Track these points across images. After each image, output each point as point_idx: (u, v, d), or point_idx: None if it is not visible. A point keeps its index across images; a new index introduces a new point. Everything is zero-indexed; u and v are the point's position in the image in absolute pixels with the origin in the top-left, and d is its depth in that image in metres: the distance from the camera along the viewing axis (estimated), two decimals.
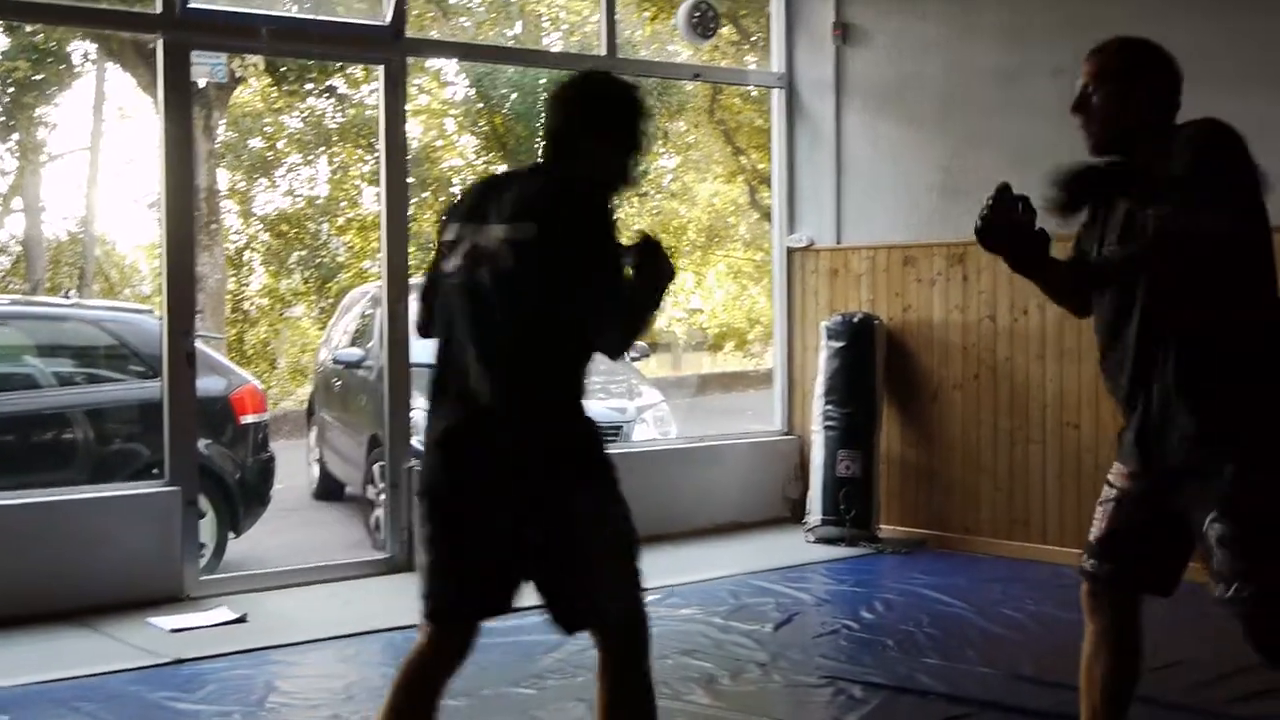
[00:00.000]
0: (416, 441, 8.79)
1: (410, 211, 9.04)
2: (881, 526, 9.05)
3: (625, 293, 3.81)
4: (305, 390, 20.62)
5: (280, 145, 21.85)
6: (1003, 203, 3.86)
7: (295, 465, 12.20)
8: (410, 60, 9.02)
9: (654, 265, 3.87)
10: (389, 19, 8.22)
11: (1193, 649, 6.17)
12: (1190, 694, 5.53)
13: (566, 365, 3.88)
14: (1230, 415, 3.81)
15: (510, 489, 3.82)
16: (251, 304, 22.10)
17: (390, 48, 8.25)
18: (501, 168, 22.89)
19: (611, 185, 4.05)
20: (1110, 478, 4.14)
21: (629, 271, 3.83)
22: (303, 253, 21.79)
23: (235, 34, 8.05)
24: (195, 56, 8.09)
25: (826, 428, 9.02)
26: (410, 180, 9.15)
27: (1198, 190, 3.70)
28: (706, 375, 24.71)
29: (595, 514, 3.88)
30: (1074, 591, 7.48)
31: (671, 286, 3.95)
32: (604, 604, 3.93)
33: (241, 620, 7.09)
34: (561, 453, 3.85)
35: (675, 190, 24.49)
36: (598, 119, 4.00)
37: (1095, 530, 4.18)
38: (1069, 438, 8.27)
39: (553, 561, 3.88)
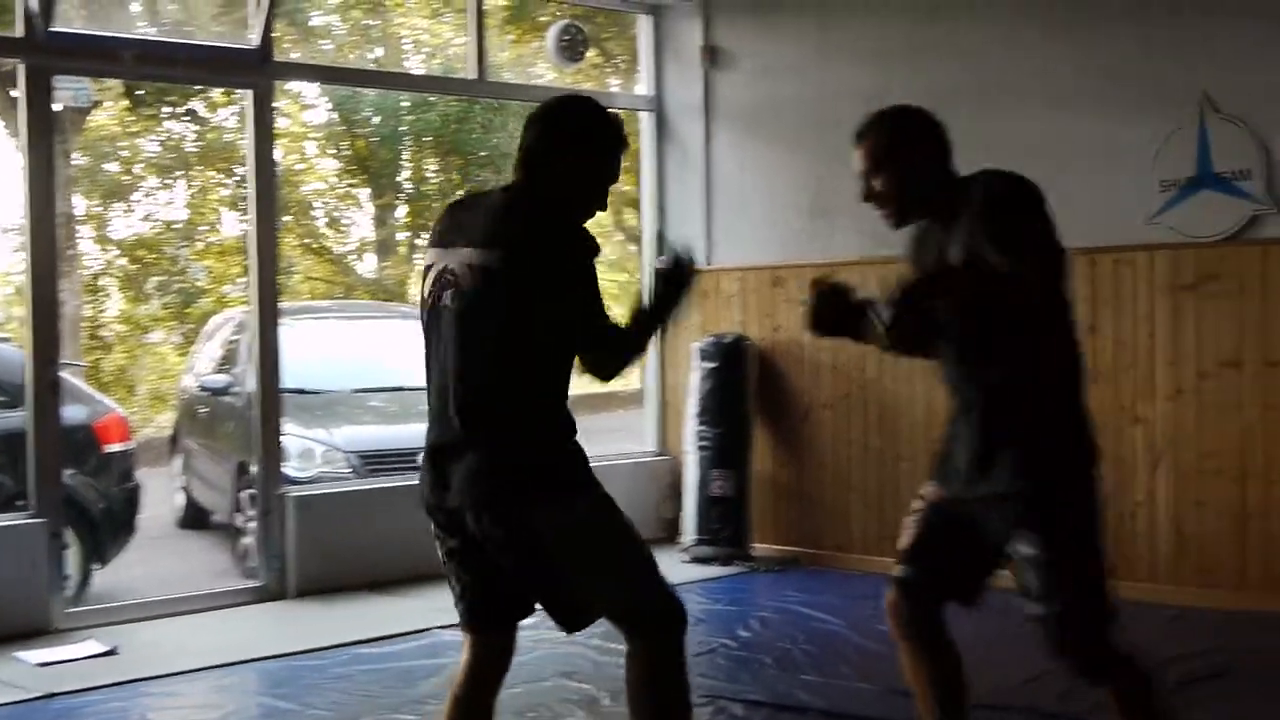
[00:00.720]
0: (289, 468, 8.72)
1: None
2: (755, 545, 9.12)
3: (606, 316, 3.89)
4: (166, 417, 20.30)
5: (137, 169, 21.51)
6: (824, 298, 4.15)
7: (159, 493, 11.98)
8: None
9: (676, 290, 3.99)
10: (257, 42, 8.15)
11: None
12: (1061, 702, 5.64)
13: (537, 386, 3.91)
14: (1037, 446, 4.02)
15: (479, 508, 3.89)
16: (109, 330, 21.70)
17: (258, 72, 8.17)
18: (365, 192, 22.76)
19: (584, 208, 4.05)
20: (922, 492, 4.35)
21: (640, 292, 3.91)
22: (161, 278, 21.44)
23: (99, 58, 7.91)
24: (58, 81, 7.96)
25: (700, 448, 9.07)
26: None
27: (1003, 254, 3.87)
28: (576, 396, 24.71)
29: (564, 528, 3.89)
30: (948, 609, 7.60)
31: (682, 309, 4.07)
32: (597, 604, 3.99)
33: (112, 653, 6.96)
34: (526, 473, 3.88)
35: None
36: (575, 141, 4.01)
37: (904, 540, 4.37)
38: None
39: (530, 575, 3.96)
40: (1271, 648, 6.57)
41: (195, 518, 12.00)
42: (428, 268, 4.02)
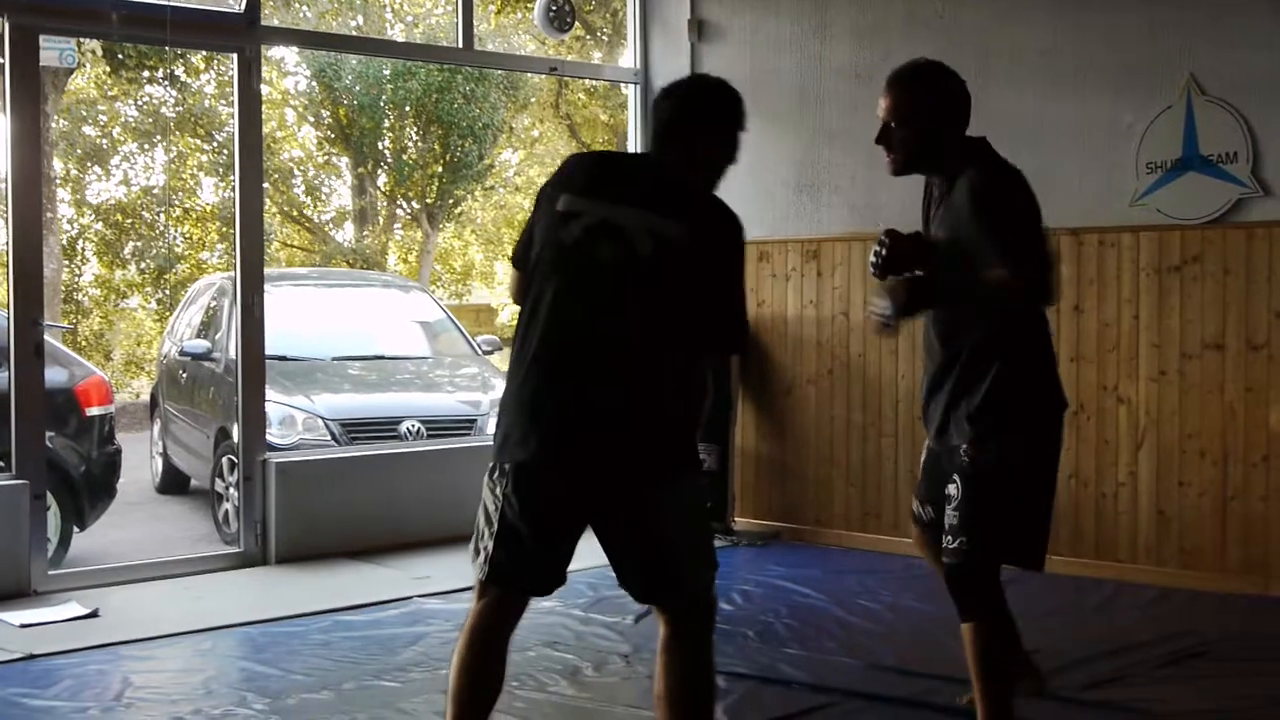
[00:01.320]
0: (270, 435, 8.70)
1: None
2: (737, 519, 9.14)
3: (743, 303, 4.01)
4: (142, 383, 20.26)
5: (115, 133, 21.42)
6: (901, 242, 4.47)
7: (137, 458, 11.98)
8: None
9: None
10: (244, 6, 8.11)
11: (1045, 638, 6.32)
12: (1046, 680, 5.65)
13: (684, 359, 3.94)
14: (990, 403, 4.39)
15: (609, 477, 3.89)
16: (85, 295, 21.63)
17: (245, 36, 8.12)
18: (344, 160, 22.70)
19: (711, 187, 4.14)
20: (928, 440, 4.79)
21: None
22: (138, 243, 21.38)
23: (86, 18, 7.83)
24: (44, 41, 7.90)
25: None
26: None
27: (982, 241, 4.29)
28: None
29: (687, 507, 4.00)
30: (926, 582, 7.65)
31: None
32: (681, 582, 4.01)
33: (93, 615, 6.94)
34: (674, 448, 3.93)
35: (520, 184, 24.45)
36: (713, 120, 4.11)
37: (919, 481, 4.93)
38: (920, 432, 8.33)
39: (644, 549, 3.97)
40: (1250, 630, 6.61)
41: (174, 483, 11.99)
42: (566, 213, 3.95)
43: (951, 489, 4.44)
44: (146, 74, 20.22)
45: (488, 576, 4.09)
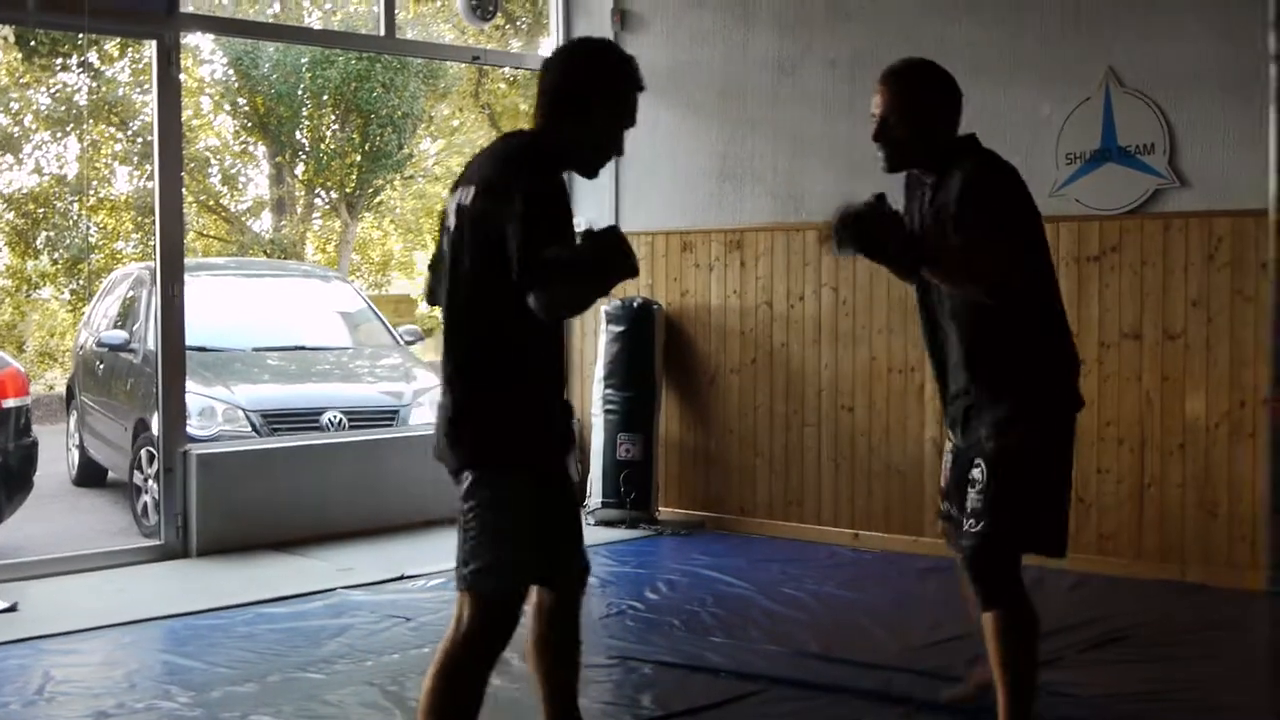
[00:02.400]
0: (189, 426, 8.62)
1: None
2: (661, 509, 9.15)
3: (548, 248, 3.71)
4: (55, 375, 20.00)
5: (27, 121, 21.11)
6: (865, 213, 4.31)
7: (53, 451, 11.80)
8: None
9: (602, 251, 3.84)
10: None
11: (972, 623, 6.35)
12: (971, 666, 5.69)
13: (505, 336, 3.87)
14: (996, 387, 4.47)
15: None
16: None
17: (164, 22, 8.03)
18: (261, 149, 22.52)
19: (600, 149, 4.08)
20: (950, 440, 4.80)
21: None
22: (51, 233, 21.07)
23: (1, 4, 7.72)
24: None
25: (606, 411, 9.09)
26: None
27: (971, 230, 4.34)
28: None
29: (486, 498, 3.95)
30: (851, 570, 7.75)
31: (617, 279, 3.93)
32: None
33: (12, 609, 6.85)
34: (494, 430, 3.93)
35: (439, 174, 24.31)
36: (592, 84, 3.99)
37: (941, 480, 4.92)
38: (843, 421, 8.47)
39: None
40: (1167, 614, 6.70)
41: (91, 475, 11.85)
42: (441, 215, 4.06)
43: (976, 473, 4.45)
44: (60, 61, 19.93)
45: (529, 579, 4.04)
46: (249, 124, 21.92)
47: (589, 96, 3.98)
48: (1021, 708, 4.44)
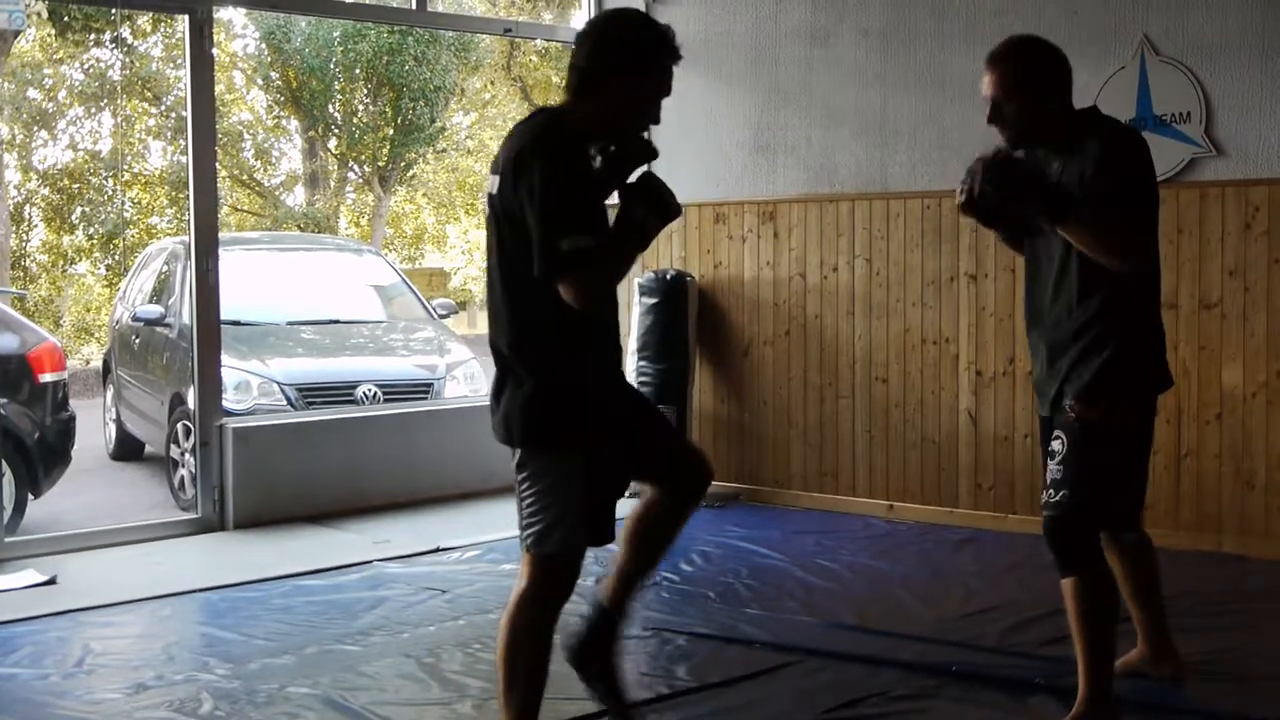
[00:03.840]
0: (225, 400, 8.66)
1: None
2: None
3: (566, 239, 3.77)
4: (92, 349, 20.10)
5: (61, 97, 21.20)
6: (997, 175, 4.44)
7: (90, 425, 11.88)
8: None
9: (638, 202, 3.93)
10: None
11: (1006, 594, 6.41)
12: (1005, 637, 5.72)
13: (543, 316, 3.94)
14: (1090, 364, 4.49)
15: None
16: (33, 261, 21.44)
17: None
18: (294, 123, 22.56)
19: (635, 122, 4.09)
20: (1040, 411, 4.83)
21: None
22: (86, 209, 21.18)
23: None
24: None
25: (640, 383, 9.07)
26: None
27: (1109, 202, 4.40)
28: None
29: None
30: (885, 541, 7.73)
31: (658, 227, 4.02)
32: None
33: (51, 582, 6.91)
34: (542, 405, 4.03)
35: (472, 147, 24.34)
36: (623, 56, 3.99)
37: None
38: (877, 392, 8.45)
39: None
40: (1204, 585, 6.67)
41: (128, 449, 11.93)
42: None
43: (1056, 444, 4.51)
44: (93, 37, 20.00)
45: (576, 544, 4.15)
46: (281, 98, 21.98)
47: (616, 70, 3.98)
48: (1101, 670, 4.53)
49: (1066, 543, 4.51)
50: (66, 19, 18.63)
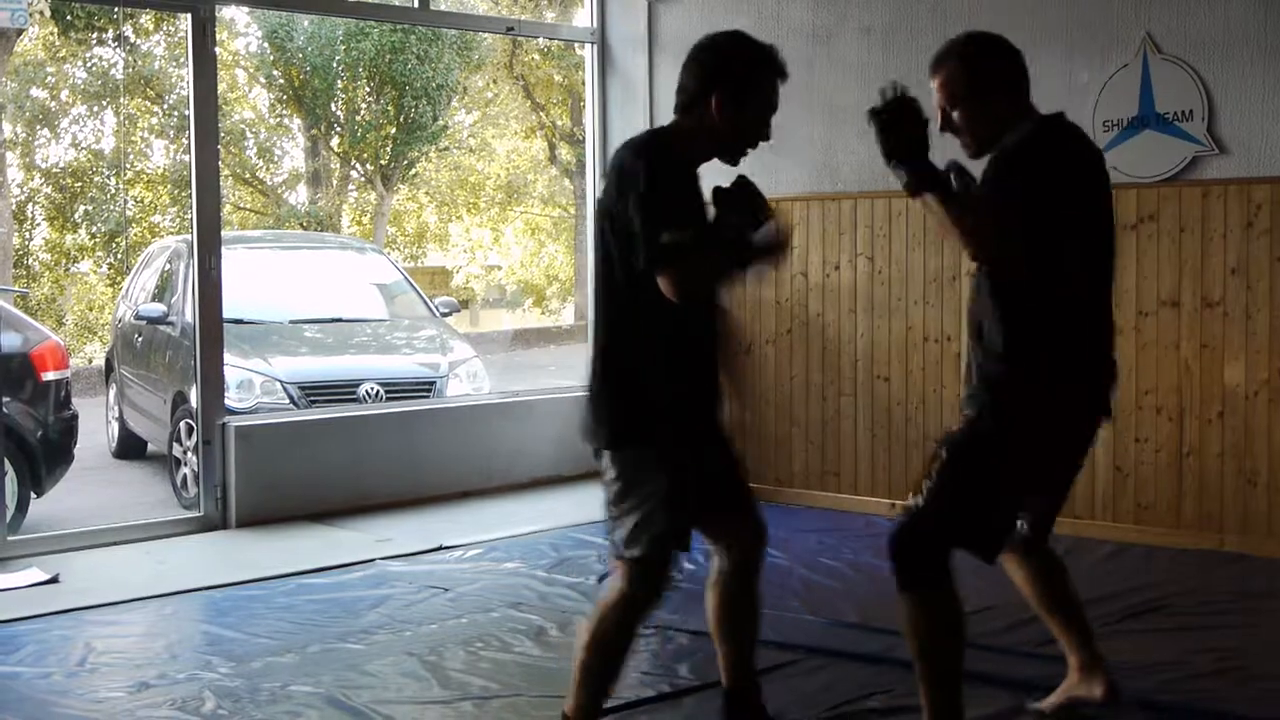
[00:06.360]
0: (228, 398, 8.66)
1: None
2: None
3: (666, 233, 3.88)
4: (95, 348, 20.11)
5: (64, 96, 21.20)
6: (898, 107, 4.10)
7: (93, 423, 11.90)
8: None
9: (733, 208, 4.06)
10: None
11: (1006, 593, 6.36)
12: (1006, 635, 5.71)
13: (635, 322, 4.07)
14: (986, 371, 4.26)
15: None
16: (35, 259, 21.44)
17: None
18: (296, 122, 22.56)
19: (732, 139, 4.18)
20: None
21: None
22: (89, 207, 21.18)
23: None
24: None
25: None
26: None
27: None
28: (505, 332, 24.66)
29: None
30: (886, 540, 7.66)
31: (757, 234, 4.13)
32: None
33: (54, 581, 6.92)
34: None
35: (474, 146, 24.35)
36: (721, 77, 4.09)
37: None
38: (879, 391, 8.46)
39: None
40: (1205, 584, 6.68)
41: (130, 448, 11.93)
42: None
43: (942, 453, 4.25)
44: (96, 36, 20.01)
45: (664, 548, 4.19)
46: (284, 97, 21.98)
47: (713, 88, 4.10)
48: (940, 699, 4.19)
49: (906, 554, 4.19)
50: (69, 17, 18.64)
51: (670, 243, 3.88)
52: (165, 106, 21.10)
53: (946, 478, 4.20)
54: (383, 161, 21.77)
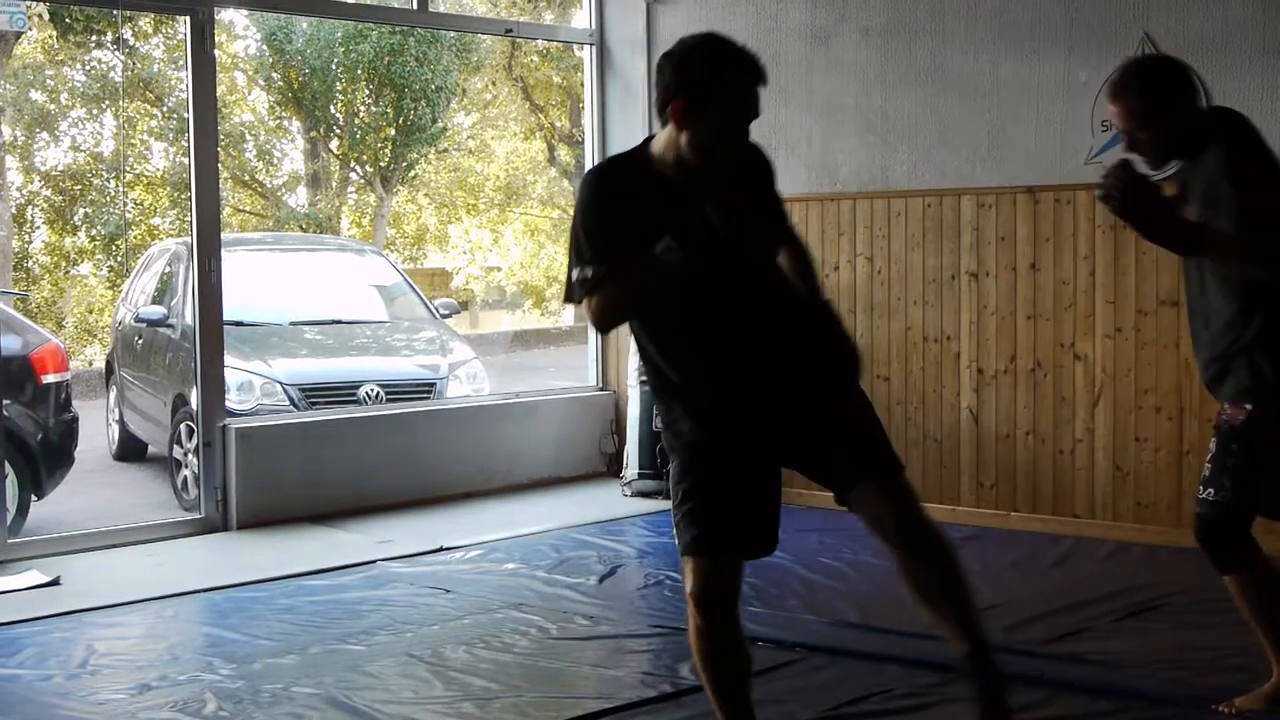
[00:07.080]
0: (228, 400, 8.66)
1: None
2: None
3: (576, 269, 3.91)
4: (94, 350, 20.11)
5: (63, 99, 21.20)
6: (1129, 180, 4.27)
7: (93, 426, 11.89)
8: None
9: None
10: None
11: (1008, 592, 6.41)
12: (1009, 634, 5.71)
13: (643, 337, 4.09)
14: (1244, 357, 4.46)
15: None
16: (35, 262, 21.44)
17: None
18: (296, 124, 22.56)
19: (708, 143, 3.89)
20: None
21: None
22: (89, 210, 21.18)
23: None
24: None
25: (642, 382, 9.08)
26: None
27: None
28: (505, 333, 24.67)
29: None
30: None
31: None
32: None
33: (55, 583, 6.92)
34: None
35: (473, 148, 24.34)
36: (691, 83, 3.87)
37: None
38: (879, 390, 8.45)
39: None
40: (1205, 583, 6.65)
41: (131, 450, 11.93)
42: None
43: (1211, 444, 4.53)
44: (94, 38, 20.01)
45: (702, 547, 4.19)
46: (283, 99, 21.98)
47: (670, 99, 3.88)
48: None
49: (1212, 540, 4.56)
50: (68, 20, 18.64)
51: (579, 280, 3.90)
52: (164, 109, 21.10)
53: (1225, 460, 4.47)
54: (382, 163, 21.77)
